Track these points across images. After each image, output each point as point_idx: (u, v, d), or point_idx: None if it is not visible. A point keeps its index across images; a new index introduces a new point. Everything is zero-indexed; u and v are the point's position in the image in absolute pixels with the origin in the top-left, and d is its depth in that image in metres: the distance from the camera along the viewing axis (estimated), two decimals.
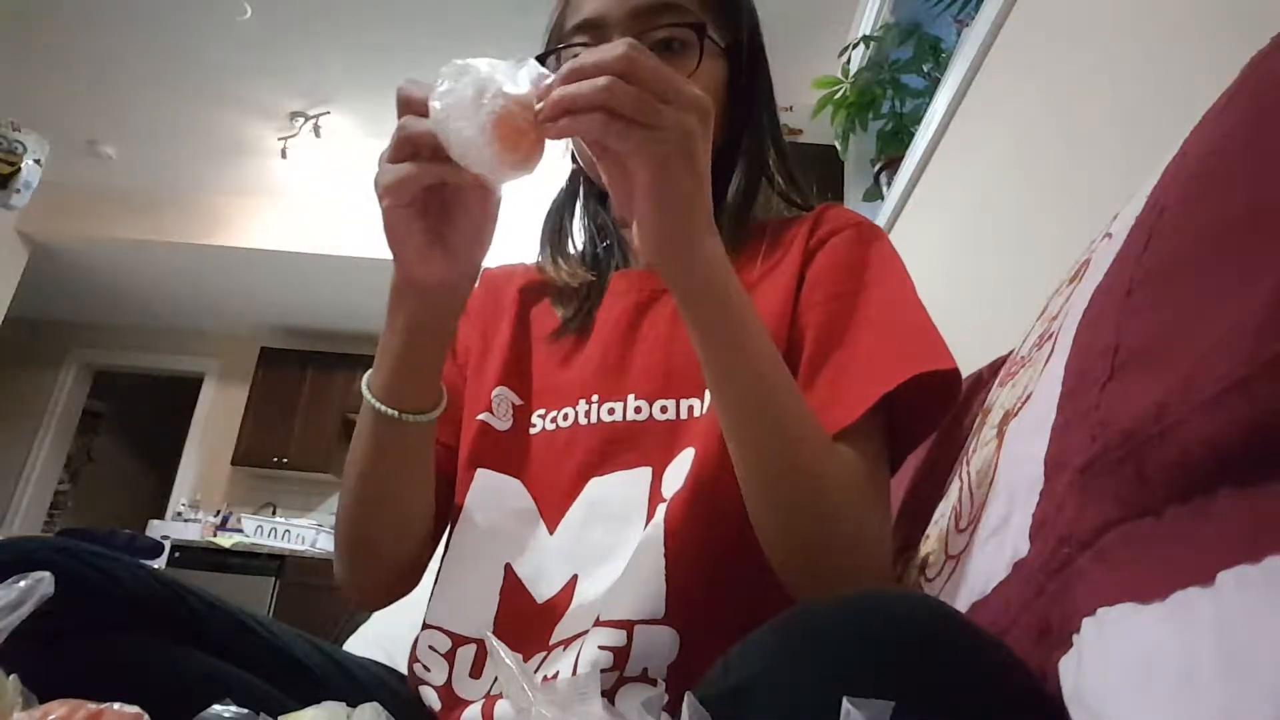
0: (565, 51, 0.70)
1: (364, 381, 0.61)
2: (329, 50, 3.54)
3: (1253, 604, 0.26)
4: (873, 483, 0.59)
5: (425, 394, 0.61)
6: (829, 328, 0.64)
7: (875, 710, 0.28)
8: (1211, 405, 0.30)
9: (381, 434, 0.61)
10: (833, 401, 0.59)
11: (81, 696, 0.36)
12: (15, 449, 5.79)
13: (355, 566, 0.68)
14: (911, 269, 0.68)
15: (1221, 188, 0.39)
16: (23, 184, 3.62)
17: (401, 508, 0.66)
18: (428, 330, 0.59)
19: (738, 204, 0.72)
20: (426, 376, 0.61)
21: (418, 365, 0.60)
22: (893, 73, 2.38)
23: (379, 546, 0.67)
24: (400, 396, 0.60)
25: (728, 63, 0.72)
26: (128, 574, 0.54)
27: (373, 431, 0.61)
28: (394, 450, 0.62)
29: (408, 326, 0.58)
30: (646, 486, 0.63)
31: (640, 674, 0.57)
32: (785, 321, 0.65)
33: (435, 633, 0.66)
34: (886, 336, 0.62)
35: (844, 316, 0.63)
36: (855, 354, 0.61)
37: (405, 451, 0.63)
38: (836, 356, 0.62)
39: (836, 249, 0.68)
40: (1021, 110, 1.34)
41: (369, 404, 0.60)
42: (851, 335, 0.62)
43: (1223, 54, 0.48)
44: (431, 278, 0.55)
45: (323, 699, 0.43)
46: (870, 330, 0.62)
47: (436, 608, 0.67)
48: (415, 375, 0.61)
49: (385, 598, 0.71)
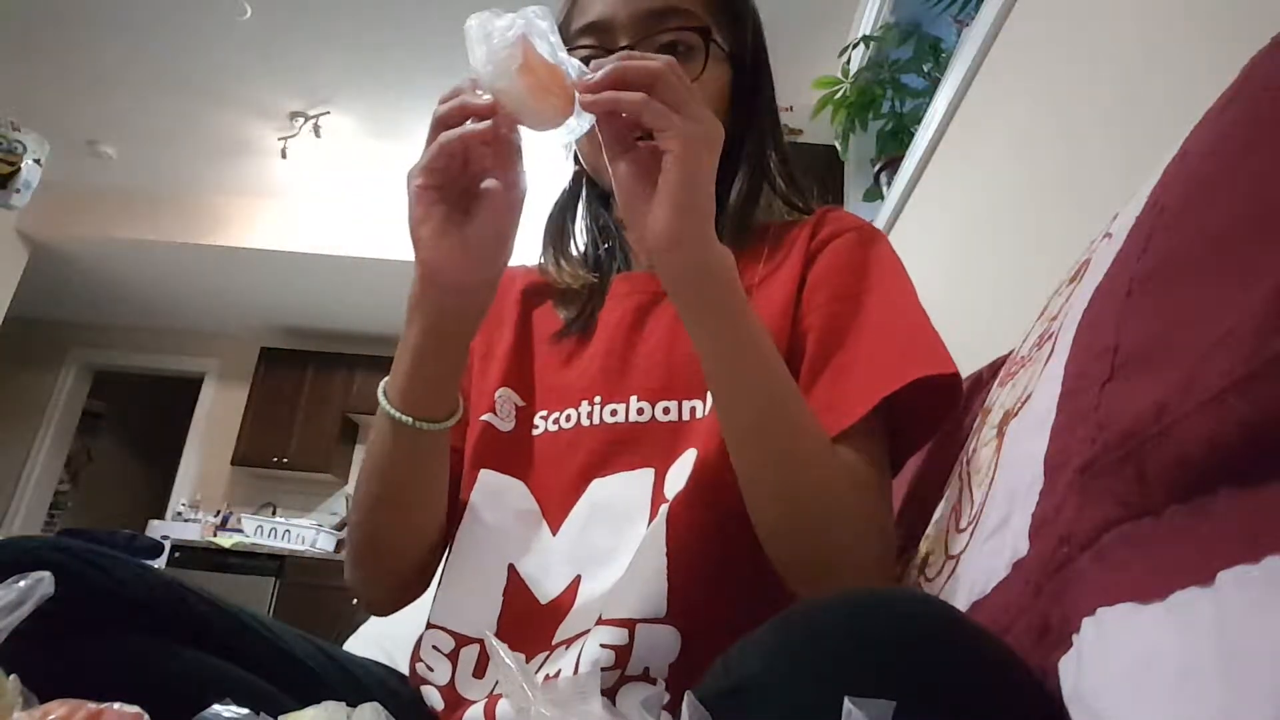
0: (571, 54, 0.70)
1: (380, 388, 0.61)
2: (329, 50, 3.53)
3: (1252, 604, 0.26)
4: (873, 483, 0.59)
5: (441, 402, 0.61)
6: (831, 330, 0.64)
7: (877, 710, 0.28)
8: (1211, 405, 0.30)
9: (397, 441, 0.61)
10: (834, 403, 0.60)
11: (81, 696, 0.36)
12: (15, 449, 5.79)
13: (367, 571, 0.68)
14: (911, 269, 0.69)
15: (1221, 188, 0.39)
16: (23, 184, 3.62)
17: (415, 515, 0.66)
18: (447, 338, 0.59)
19: (739, 207, 0.72)
20: (443, 385, 0.61)
21: (434, 374, 0.60)
22: (893, 73, 2.39)
23: (392, 552, 0.67)
24: (416, 404, 0.60)
25: (731, 68, 0.72)
26: (128, 574, 0.54)
27: (388, 439, 0.61)
28: (409, 458, 0.62)
29: (426, 332, 0.58)
30: (649, 487, 0.63)
31: (642, 673, 0.57)
32: (787, 324, 0.66)
33: (439, 632, 0.66)
34: (888, 339, 0.62)
35: (846, 319, 0.64)
36: (856, 356, 0.62)
37: (420, 459, 0.63)
38: (838, 359, 0.62)
39: (838, 251, 0.68)
40: (1021, 110, 1.33)
41: (384, 411, 0.60)
42: (853, 338, 0.63)
43: (1223, 54, 0.48)
44: (451, 277, 0.55)
45: (323, 699, 0.43)
46: (872, 333, 0.62)
47: (440, 608, 0.67)
48: (432, 384, 0.60)
49: (396, 603, 0.71)
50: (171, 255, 4.94)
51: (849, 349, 0.62)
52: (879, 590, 0.38)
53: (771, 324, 0.65)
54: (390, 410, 0.60)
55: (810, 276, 0.68)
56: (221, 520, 5.19)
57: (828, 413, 0.59)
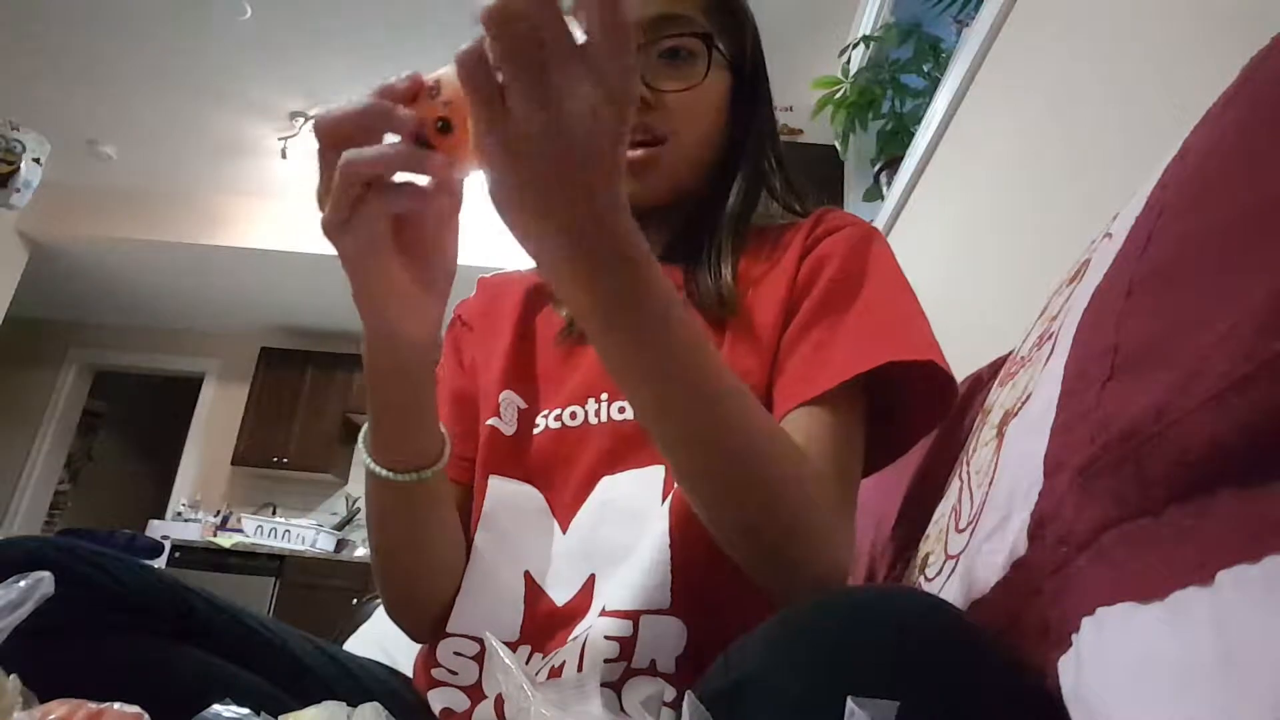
0: None
1: (361, 437, 0.59)
2: (329, 50, 3.53)
3: (1252, 604, 0.26)
4: (835, 457, 0.56)
5: (421, 452, 0.58)
6: (818, 311, 0.63)
7: (879, 711, 0.28)
8: (1211, 405, 0.30)
9: (383, 494, 0.59)
10: (807, 374, 0.59)
11: (81, 696, 0.36)
12: (15, 449, 5.78)
13: (396, 609, 0.67)
14: (912, 268, 0.69)
15: (1221, 188, 0.39)
16: (22, 183, 3.62)
17: (424, 558, 0.64)
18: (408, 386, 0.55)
19: (737, 213, 0.72)
20: (418, 435, 0.58)
21: (403, 429, 0.57)
22: (893, 73, 2.39)
23: (412, 592, 0.66)
24: (394, 457, 0.57)
25: (732, 74, 0.73)
26: (128, 573, 0.54)
27: (380, 492, 0.59)
28: (405, 508, 0.60)
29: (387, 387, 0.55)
30: (659, 484, 0.63)
31: (648, 666, 0.56)
32: (781, 313, 0.65)
33: (460, 639, 0.64)
34: (874, 322, 0.61)
35: (836, 299, 0.63)
36: (837, 332, 0.61)
37: (413, 508, 0.61)
38: (817, 334, 0.62)
39: (835, 243, 0.68)
40: (1021, 110, 1.33)
41: (368, 467, 0.58)
42: (840, 318, 0.62)
43: (1223, 54, 0.48)
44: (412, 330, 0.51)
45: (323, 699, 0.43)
46: (859, 316, 0.62)
47: (460, 616, 0.65)
48: (405, 438, 0.58)
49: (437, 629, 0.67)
50: (171, 255, 4.93)
51: (833, 326, 0.61)
52: (880, 589, 0.38)
53: (768, 316, 0.65)
54: (374, 468, 0.57)
55: (805, 268, 0.67)
56: (221, 520, 5.19)
57: (800, 383, 0.58)
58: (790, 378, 0.61)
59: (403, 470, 0.57)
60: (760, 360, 0.64)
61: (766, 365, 0.64)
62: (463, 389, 0.76)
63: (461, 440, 0.72)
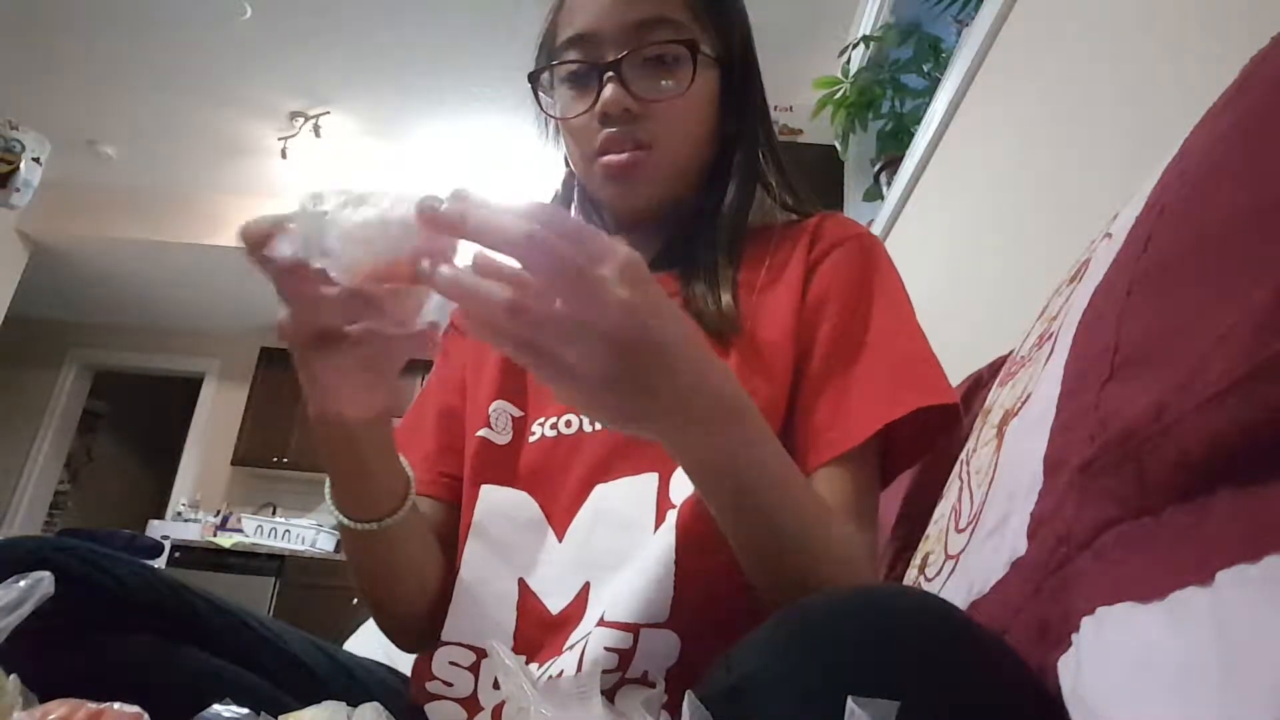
0: (558, 69, 0.70)
1: (327, 485, 0.60)
2: (329, 50, 3.53)
3: (1252, 603, 0.26)
4: (859, 508, 0.59)
5: (377, 505, 0.60)
6: (836, 347, 0.64)
7: (880, 711, 0.28)
8: (1211, 405, 0.30)
9: (349, 537, 0.61)
10: (833, 424, 0.61)
11: (81, 696, 0.36)
12: (15, 449, 5.78)
13: (381, 627, 0.69)
14: (912, 269, 0.69)
15: (1221, 188, 0.39)
16: (22, 183, 3.62)
17: (401, 586, 0.66)
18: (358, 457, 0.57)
19: (733, 215, 0.72)
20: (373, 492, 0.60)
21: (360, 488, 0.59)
22: (893, 73, 2.39)
23: (392, 612, 0.68)
24: (353, 510, 0.59)
25: (720, 75, 0.72)
26: (128, 573, 0.54)
27: (342, 533, 0.61)
28: (367, 550, 0.62)
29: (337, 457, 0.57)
30: (654, 492, 0.63)
31: (640, 676, 0.57)
32: (790, 334, 0.65)
33: (455, 648, 0.64)
34: (892, 364, 0.62)
35: (851, 337, 0.64)
36: (859, 378, 0.62)
37: (380, 549, 0.62)
38: (839, 380, 0.63)
39: (839, 265, 0.68)
40: (1021, 110, 1.34)
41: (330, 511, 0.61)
42: (857, 358, 0.63)
43: (1223, 54, 0.48)
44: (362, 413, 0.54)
45: (323, 699, 0.43)
46: (875, 355, 0.63)
47: (454, 625, 0.65)
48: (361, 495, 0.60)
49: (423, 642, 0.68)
50: (171, 255, 4.93)
51: (852, 370, 0.62)
52: (880, 589, 0.38)
53: (774, 334, 0.65)
54: (337, 515, 0.60)
55: (814, 289, 0.67)
56: (221, 520, 5.19)
57: (828, 432, 0.60)
58: (817, 429, 0.61)
59: (362, 520, 0.59)
60: (768, 381, 0.63)
61: (775, 386, 0.63)
62: (449, 405, 0.75)
63: (445, 456, 0.72)
